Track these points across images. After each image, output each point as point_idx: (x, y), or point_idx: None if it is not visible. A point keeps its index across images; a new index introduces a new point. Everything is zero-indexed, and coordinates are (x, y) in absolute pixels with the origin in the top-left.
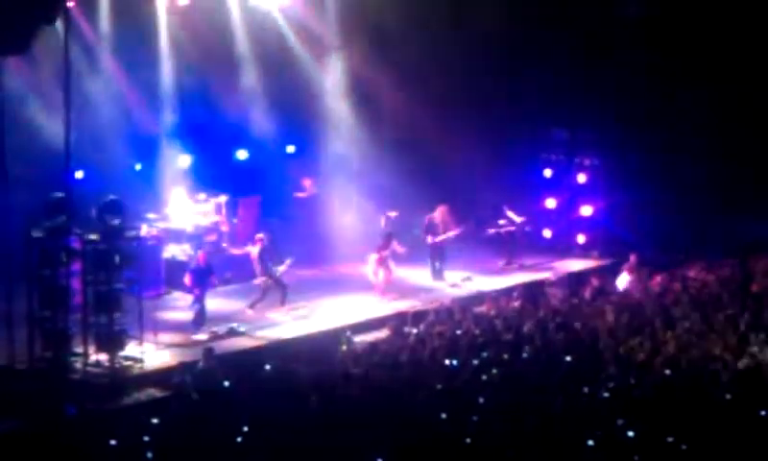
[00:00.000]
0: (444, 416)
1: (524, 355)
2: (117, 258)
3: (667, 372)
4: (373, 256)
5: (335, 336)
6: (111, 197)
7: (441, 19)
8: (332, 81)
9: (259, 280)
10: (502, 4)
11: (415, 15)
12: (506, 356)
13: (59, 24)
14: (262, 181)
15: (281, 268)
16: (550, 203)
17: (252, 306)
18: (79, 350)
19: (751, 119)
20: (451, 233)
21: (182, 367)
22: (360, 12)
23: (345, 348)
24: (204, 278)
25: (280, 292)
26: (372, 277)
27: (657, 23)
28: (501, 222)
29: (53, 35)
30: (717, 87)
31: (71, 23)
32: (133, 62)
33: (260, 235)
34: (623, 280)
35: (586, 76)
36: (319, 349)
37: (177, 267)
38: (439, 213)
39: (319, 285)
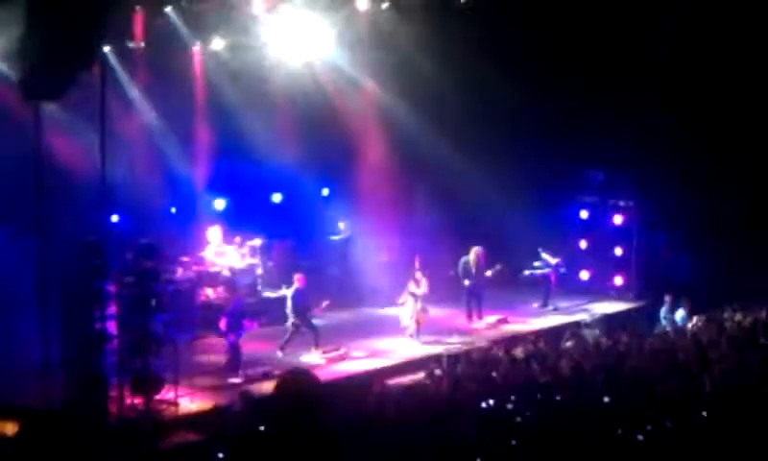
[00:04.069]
0: (478, 460)
1: (559, 398)
2: (153, 302)
3: (704, 413)
4: (408, 299)
5: (370, 379)
6: (147, 240)
7: (475, 61)
8: (366, 123)
9: (290, 322)
10: (538, 47)
11: (448, 57)
12: (540, 396)
13: (95, 68)
14: (297, 224)
15: (317, 310)
16: (586, 244)
17: (282, 348)
18: (114, 393)
19: None
20: (486, 274)
21: (218, 410)
22: (393, 54)
23: (380, 390)
24: (238, 321)
25: (313, 335)
26: (408, 319)
27: (688, 66)
28: (536, 264)
29: (89, 79)
30: (755, 128)
31: (107, 67)
32: (169, 105)
33: (299, 275)
34: (665, 319)
35: (622, 117)
36: (353, 392)
37: (212, 310)
38: (474, 255)
39: (354, 327)
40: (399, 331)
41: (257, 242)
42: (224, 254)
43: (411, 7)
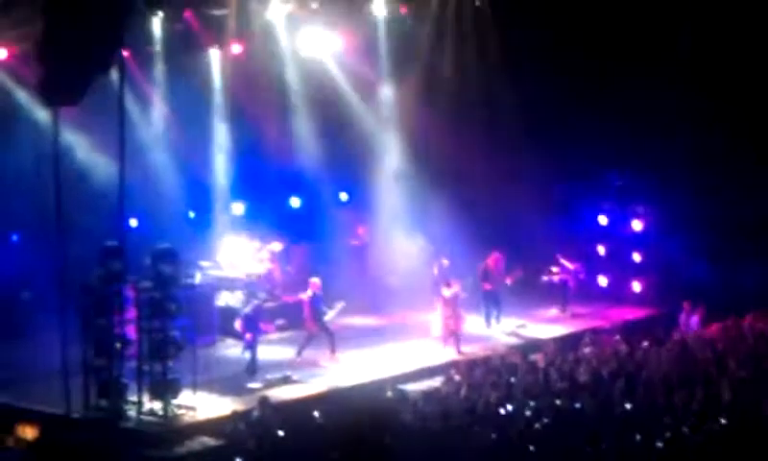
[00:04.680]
0: None
1: (577, 405)
2: (171, 306)
3: (723, 420)
4: (441, 303)
5: (388, 384)
6: (165, 245)
7: (493, 65)
8: (385, 128)
9: (307, 327)
10: (556, 49)
11: (467, 59)
12: (558, 403)
13: (113, 73)
14: (316, 229)
15: (332, 312)
16: (604, 250)
17: (299, 353)
18: (133, 398)
19: None
20: (506, 281)
21: (236, 415)
22: (412, 57)
23: (397, 396)
24: (256, 325)
25: (329, 340)
26: (439, 325)
27: (709, 66)
28: (554, 269)
29: (107, 83)
30: None
31: (125, 72)
32: (187, 111)
33: (315, 280)
34: (686, 325)
35: (640, 122)
36: (371, 397)
37: (230, 315)
38: (492, 260)
39: (372, 333)
40: (418, 336)
41: (276, 247)
42: (242, 258)
43: (429, 10)
